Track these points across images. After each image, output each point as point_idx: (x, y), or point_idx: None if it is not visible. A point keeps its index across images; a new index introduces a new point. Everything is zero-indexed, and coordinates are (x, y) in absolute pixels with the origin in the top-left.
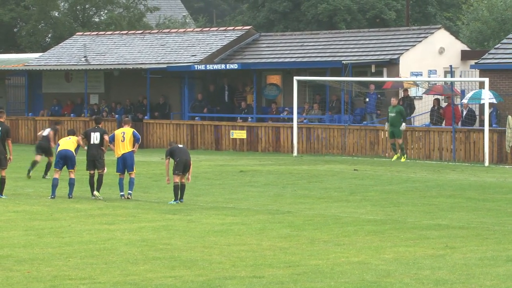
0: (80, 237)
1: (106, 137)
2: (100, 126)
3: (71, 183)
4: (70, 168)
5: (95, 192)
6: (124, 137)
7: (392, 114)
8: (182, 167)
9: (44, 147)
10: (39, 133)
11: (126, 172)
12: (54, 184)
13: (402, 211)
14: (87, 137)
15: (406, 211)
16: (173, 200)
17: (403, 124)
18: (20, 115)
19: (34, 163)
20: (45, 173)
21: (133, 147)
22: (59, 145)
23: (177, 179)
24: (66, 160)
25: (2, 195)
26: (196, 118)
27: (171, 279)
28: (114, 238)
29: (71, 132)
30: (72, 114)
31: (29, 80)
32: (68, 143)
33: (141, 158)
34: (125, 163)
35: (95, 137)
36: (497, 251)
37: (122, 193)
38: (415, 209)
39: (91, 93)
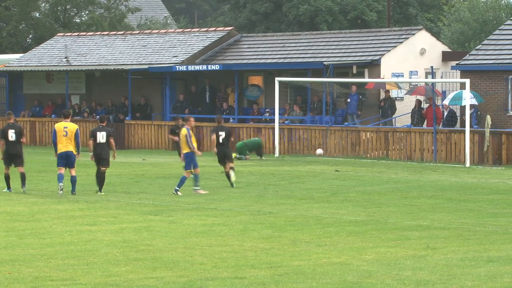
0: (61, 238)
1: (112, 140)
2: (104, 124)
3: (74, 180)
4: (71, 167)
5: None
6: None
7: None
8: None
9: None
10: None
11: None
12: (60, 177)
13: (384, 212)
14: (94, 136)
15: (387, 212)
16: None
17: None
18: (1, 116)
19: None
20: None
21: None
22: (55, 131)
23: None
24: (67, 160)
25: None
26: None
27: (153, 280)
28: (96, 239)
29: (67, 115)
30: (53, 115)
31: (10, 81)
32: (68, 143)
33: (123, 159)
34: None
35: (101, 136)
36: (478, 252)
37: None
38: (396, 209)
39: (72, 94)
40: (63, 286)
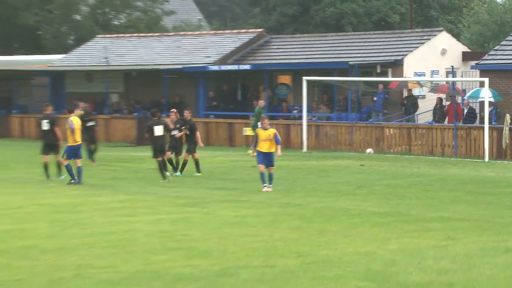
0: (102, 228)
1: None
2: (157, 119)
3: (81, 170)
4: (78, 158)
5: (168, 173)
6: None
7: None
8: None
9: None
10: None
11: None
12: (70, 169)
13: (407, 204)
14: (151, 130)
15: (410, 204)
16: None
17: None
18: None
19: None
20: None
21: None
22: (72, 123)
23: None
24: (77, 152)
25: (61, 177)
26: (211, 116)
27: (189, 268)
28: (135, 229)
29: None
30: (93, 113)
31: (53, 80)
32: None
33: None
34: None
35: (158, 130)
36: (496, 242)
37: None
38: (418, 202)
39: (111, 93)
40: (104, 274)
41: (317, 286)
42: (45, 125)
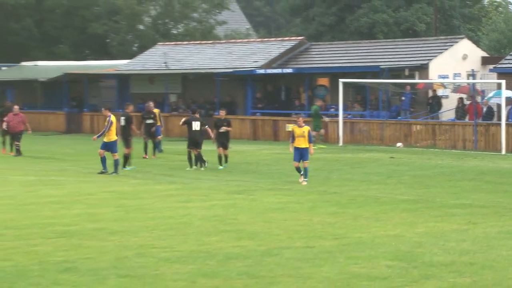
0: (161, 213)
1: (207, 127)
2: (197, 115)
3: (117, 163)
4: (114, 152)
5: (196, 166)
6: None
7: None
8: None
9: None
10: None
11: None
12: (104, 160)
13: (432, 192)
14: (188, 124)
15: (434, 192)
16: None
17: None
18: (112, 112)
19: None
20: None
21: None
22: (111, 121)
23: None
24: (111, 147)
25: (125, 167)
26: (258, 114)
27: (238, 248)
28: (190, 214)
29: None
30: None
31: (119, 83)
32: (113, 135)
33: (212, 148)
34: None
35: (196, 125)
36: None
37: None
38: (442, 190)
39: (170, 93)
40: (164, 253)
41: (352, 265)
42: (122, 121)
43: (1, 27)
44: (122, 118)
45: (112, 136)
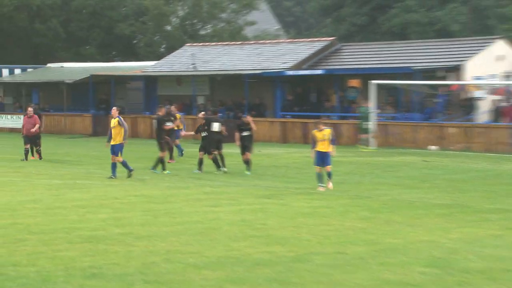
0: (189, 217)
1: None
2: (216, 116)
3: (114, 166)
4: (117, 155)
5: (224, 168)
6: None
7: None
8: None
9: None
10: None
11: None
12: (124, 162)
13: (466, 196)
14: (208, 124)
15: (469, 197)
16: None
17: None
18: (139, 114)
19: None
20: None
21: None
22: (126, 128)
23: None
24: (114, 149)
25: (164, 170)
26: (287, 116)
27: (267, 254)
28: (218, 218)
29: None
30: (182, 113)
31: (146, 84)
32: (118, 137)
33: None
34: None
35: (216, 126)
36: None
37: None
38: (477, 195)
39: (198, 95)
40: (191, 258)
41: (384, 271)
42: (155, 124)
43: (26, 28)
44: (155, 121)
45: (119, 138)
